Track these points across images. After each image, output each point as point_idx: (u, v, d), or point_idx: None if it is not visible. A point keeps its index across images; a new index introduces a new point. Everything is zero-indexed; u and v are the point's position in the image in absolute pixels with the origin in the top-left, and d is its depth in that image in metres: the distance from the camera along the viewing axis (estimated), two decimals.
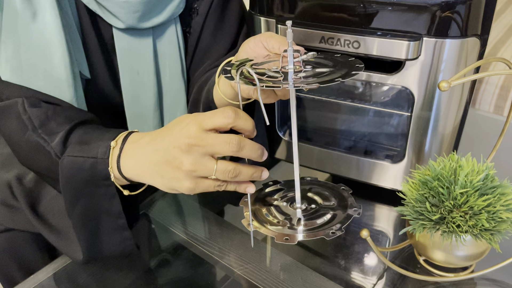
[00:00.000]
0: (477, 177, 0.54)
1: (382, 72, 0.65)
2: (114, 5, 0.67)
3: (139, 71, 0.74)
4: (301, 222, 0.54)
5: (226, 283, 0.67)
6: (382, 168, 0.75)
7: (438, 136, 0.68)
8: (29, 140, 0.64)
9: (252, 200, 0.60)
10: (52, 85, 0.67)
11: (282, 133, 0.81)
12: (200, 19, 0.77)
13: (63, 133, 0.63)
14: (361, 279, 0.65)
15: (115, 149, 0.58)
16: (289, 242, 0.51)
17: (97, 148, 0.59)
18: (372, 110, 0.78)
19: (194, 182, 0.52)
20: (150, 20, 0.71)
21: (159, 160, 0.53)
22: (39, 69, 0.66)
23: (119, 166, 0.57)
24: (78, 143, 0.61)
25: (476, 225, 0.53)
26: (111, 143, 0.58)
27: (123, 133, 0.60)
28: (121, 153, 0.57)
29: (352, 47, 0.63)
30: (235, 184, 0.55)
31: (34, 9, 0.63)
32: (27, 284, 0.66)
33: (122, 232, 0.64)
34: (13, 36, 0.64)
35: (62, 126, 0.64)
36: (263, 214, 0.57)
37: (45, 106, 0.65)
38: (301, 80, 0.48)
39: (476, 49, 0.61)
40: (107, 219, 0.63)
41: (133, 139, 0.58)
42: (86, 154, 0.58)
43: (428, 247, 0.61)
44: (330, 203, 0.58)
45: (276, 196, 0.61)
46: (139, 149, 0.56)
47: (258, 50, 0.58)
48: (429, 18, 0.58)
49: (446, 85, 0.52)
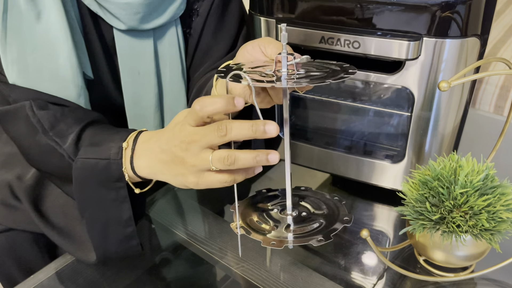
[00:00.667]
0: (477, 177, 0.54)
1: (382, 72, 0.65)
2: (116, 6, 0.67)
3: (140, 72, 0.74)
4: (290, 228, 0.54)
5: (226, 283, 0.67)
6: (382, 168, 0.75)
7: (438, 136, 0.68)
8: (40, 142, 0.65)
9: (243, 207, 0.59)
10: (58, 86, 0.67)
11: (282, 133, 0.81)
12: (200, 20, 0.78)
13: (74, 134, 0.64)
14: (361, 279, 0.65)
15: (127, 150, 0.59)
16: (276, 247, 0.51)
17: (109, 149, 0.60)
18: (372, 110, 0.78)
19: (197, 176, 0.53)
20: (151, 21, 0.71)
21: (166, 159, 0.55)
22: (45, 69, 0.66)
23: (133, 166, 0.59)
24: (90, 145, 0.62)
25: (476, 225, 0.53)
26: (122, 144, 0.59)
27: (133, 133, 0.61)
28: (133, 154, 0.59)
29: (352, 47, 0.63)
30: (243, 173, 0.53)
31: (39, 10, 0.63)
32: (27, 284, 0.66)
33: (130, 240, 0.65)
34: (18, 37, 0.64)
35: (72, 127, 0.65)
36: (253, 220, 0.57)
37: (52, 108, 0.66)
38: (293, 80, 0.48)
39: (476, 49, 0.61)
40: (116, 226, 0.64)
41: (143, 139, 0.59)
42: (99, 156, 0.60)
43: (428, 247, 0.61)
44: (322, 211, 0.58)
45: (268, 203, 0.60)
46: (149, 149, 0.58)
47: (256, 55, 0.58)
48: (429, 18, 0.58)
49: (446, 85, 0.52)
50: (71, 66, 0.66)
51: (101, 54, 0.73)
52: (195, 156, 0.51)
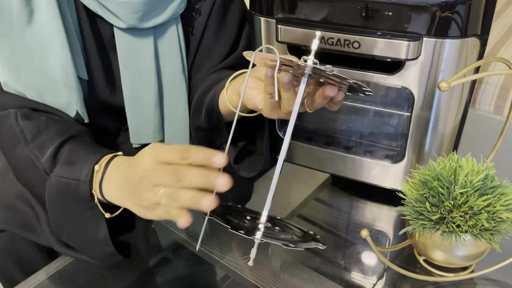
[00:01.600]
0: (477, 177, 0.54)
1: (382, 72, 0.65)
2: (116, 5, 0.68)
3: (140, 70, 0.75)
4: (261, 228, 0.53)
5: (226, 283, 0.67)
6: (382, 168, 0.75)
7: (438, 136, 0.68)
8: (21, 154, 0.66)
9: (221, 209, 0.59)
10: (48, 85, 0.67)
11: (282, 133, 0.81)
12: (202, 20, 0.78)
13: (52, 148, 0.64)
14: (361, 279, 0.65)
15: (98, 173, 0.60)
16: (245, 236, 0.50)
17: (81, 170, 0.60)
18: (372, 110, 0.78)
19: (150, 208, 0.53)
20: (151, 20, 0.71)
21: (126, 188, 0.55)
22: (35, 68, 0.66)
23: (101, 190, 0.59)
24: (65, 162, 0.62)
25: (476, 225, 0.53)
26: (95, 167, 0.60)
27: (107, 156, 0.61)
28: (103, 178, 0.59)
29: (352, 47, 0.63)
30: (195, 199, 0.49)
31: (31, 9, 0.64)
32: (27, 284, 0.66)
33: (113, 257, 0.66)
34: (9, 36, 0.64)
35: (53, 140, 0.65)
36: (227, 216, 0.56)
37: (37, 119, 0.66)
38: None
39: (476, 49, 0.61)
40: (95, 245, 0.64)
41: (114, 164, 0.60)
42: (70, 176, 0.60)
43: (428, 247, 0.61)
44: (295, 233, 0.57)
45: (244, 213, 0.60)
46: (116, 176, 0.58)
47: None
48: (429, 18, 0.58)
49: (446, 85, 0.52)
50: (62, 65, 0.66)
51: (98, 54, 0.73)
52: (147, 190, 0.51)
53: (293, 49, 0.70)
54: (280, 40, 0.68)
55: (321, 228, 0.75)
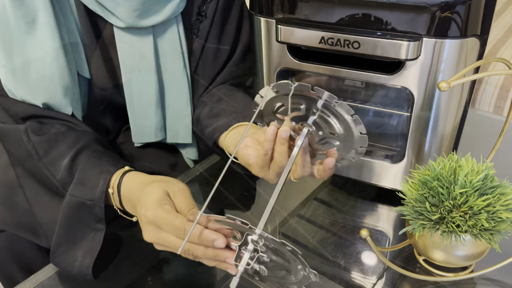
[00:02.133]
0: (476, 177, 0.54)
1: (382, 72, 0.65)
2: (114, 4, 0.68)
3: (140, 69, 0.75)
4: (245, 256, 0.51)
5: (226, 283, 0.67)
6: (382, 168, 0.75)
7: (438, 136, 0.68)
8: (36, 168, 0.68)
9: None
10: (44, 85, 0.67)
11: None
12: (207, 22, 0.79)
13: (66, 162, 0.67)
14: (361, 279, 0.65)
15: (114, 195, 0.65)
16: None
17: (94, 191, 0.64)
18: (372, 110, 0.78)
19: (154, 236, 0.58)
20: (150, 18, 0.71)
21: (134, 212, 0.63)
22: (31, 69, 0.66)
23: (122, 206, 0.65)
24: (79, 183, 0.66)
25: (476, 225, 0.53)
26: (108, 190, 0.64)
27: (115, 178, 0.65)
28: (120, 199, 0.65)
29: (352, 47, 0.63)
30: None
31: (26, 10, 0.64)
32: (27, 284, 0.66)
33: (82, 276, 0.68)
34: (5, 38, 0.64)
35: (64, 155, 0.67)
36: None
37: (47, 133, 0.68)
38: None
39: (476, 49, 0.61)
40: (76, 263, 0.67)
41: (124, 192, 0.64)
42: (85, 196, 0.65)
43: (428, 247, 0.61)
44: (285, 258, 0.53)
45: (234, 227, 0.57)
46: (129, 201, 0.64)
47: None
48: (429, 18, 0.58)
49: (446, 85, 0.52)
50: (58, 67, 0.67)
51: (99, 53, 0.73)
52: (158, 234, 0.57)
53: (293, 49, 0.70)
54: (280, 40, 0.68)
55: (321, 228, 0.75)
